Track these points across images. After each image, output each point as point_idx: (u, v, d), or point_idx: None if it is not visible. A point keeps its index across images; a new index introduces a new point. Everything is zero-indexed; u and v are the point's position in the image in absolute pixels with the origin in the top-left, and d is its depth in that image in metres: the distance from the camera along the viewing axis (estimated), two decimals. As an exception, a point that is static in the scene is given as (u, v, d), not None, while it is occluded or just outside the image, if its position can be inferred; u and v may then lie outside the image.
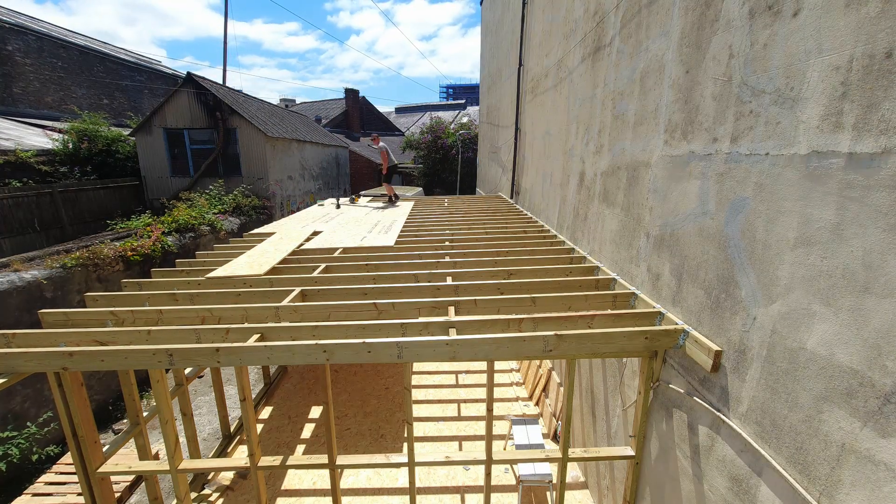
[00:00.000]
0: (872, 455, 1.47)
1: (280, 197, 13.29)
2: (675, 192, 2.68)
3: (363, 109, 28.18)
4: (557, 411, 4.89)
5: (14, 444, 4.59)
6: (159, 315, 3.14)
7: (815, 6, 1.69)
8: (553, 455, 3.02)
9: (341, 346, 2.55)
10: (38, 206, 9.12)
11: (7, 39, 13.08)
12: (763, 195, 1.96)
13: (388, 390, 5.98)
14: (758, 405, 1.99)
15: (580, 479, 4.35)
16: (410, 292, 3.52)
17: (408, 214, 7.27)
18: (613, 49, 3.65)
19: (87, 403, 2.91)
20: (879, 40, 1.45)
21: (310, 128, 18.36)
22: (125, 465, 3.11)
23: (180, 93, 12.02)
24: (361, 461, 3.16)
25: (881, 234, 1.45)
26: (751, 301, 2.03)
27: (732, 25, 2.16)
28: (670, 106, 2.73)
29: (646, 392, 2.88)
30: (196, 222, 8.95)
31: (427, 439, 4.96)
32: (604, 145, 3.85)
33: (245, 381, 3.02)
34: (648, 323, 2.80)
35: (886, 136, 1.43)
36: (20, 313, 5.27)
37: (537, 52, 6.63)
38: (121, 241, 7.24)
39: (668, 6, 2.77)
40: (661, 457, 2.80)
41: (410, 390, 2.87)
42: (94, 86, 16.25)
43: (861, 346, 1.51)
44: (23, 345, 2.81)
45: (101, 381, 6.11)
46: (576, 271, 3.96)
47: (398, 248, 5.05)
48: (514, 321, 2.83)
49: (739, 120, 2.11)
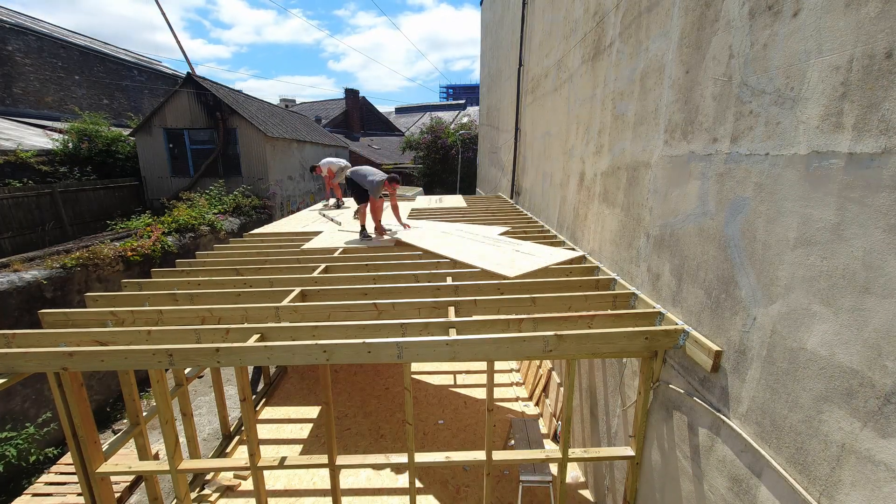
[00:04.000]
0: (872, 455, 1.47)
1: (280, 197, 13.29)
2: (675, 192, 2.68)
3: (363, 109, 28.18)
4: (557, 411, 4.89)
5: (13, 445, 4.59)
6: (159, 315, 3.14)
7: (815, 6, 1.69)
8: (553, 455, 3.02)
9: (341, 346, 2.54)
10: (38, 207, 9.12)
11: (7, 39, 13.08)
12: (763, 195, 1.96)
13: (388, 390, 5.98)
14: (758, 405, 1.99)
15: (580, 479, 4.35)
16: (410, 292, 3.53)
17: (408, 214, 7.27)
18: (613, 49, 3.65)
19: (87, 403, 2.91)
20: (879, 40, 1.45)
21: (310, 128, 18.36)
22: (125, 466, 3.11)
23: (180, 93, 12.02)
24: (361, 461, 3.16)
25: (881, 235, 1.45)
26: (751, 301, 2.03)
27: (732, 25, 2.16)
28: (670, 106, 2.73)
29: (646, 392, 2.88)
30: (196, 222, 8.95)
31: (426, 439, 4.96)
32: (604, 145, 3.85)
33: (245, 381, 3.03)
34: (648, 323, 2.80)
35: (886, 137, 1.43)
36: (20, 313, 5.27)
37: (537, 52, 6.63)
38: (121, 241, 7.24)
39: (668, 6, 2.77)
40: (661, 457, 2.80)
41: (410, 390, 2.87)
42: (94, 86, 16.25)
43: (861, 347, 1.51)
44: (23, 345, 2.81)
45: (101, 381, 6.11)
46: (576, 271, 3.96)
47: (398, 248, 5.05)
48: (514, 321, 2.83)
49: (739, 120, 2.11)
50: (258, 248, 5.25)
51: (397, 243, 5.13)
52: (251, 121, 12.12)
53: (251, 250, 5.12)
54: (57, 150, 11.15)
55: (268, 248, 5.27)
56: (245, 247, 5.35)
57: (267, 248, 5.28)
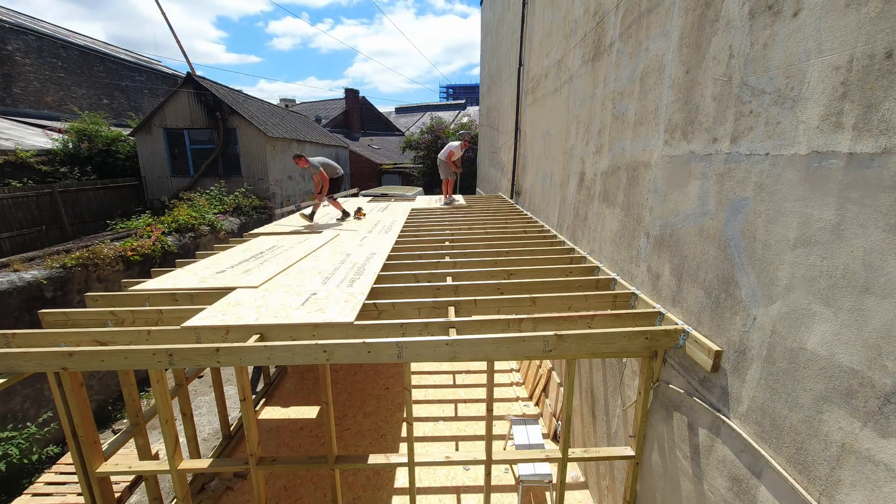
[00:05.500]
0: (872, 455, 1.47)
1: (280, 197, 13.28)
2: (675, 192, 2.68)
3: (363, 109, 28.17)
4: (557, 411, 4.89)
5: (14, 444, 4.59)
6: (159, 315, 3.14)
7: (815, 6, 1.69)
8: (553, 455, 3.02)
9: (341, 345, 2.54)
10: (38, 206, 9.12)
11: (7, 39, 13.08)
12: (763, 195, 1.96)
13: (388, 390, 5.98)
14: (758, 405, 1.99)
15: (580, 479, 4.35)
16: (410, 292, 3.53)
17: (408, 214, 7.27)
18: (613, 49, 3.65)
19: (87, 403, 2.91)
20: (879, 40, 1.45)
21: (310, 128, 18.36)
22: (125, 466, 3.10)
23: (180, 93, 12.02)
24: (361, 461, 3.16)
25: (881, 235, 1.45)
26: (751, 301, 2.03)
27: (732, 25, 2.16)
28: (670, 106, 2.73)
29: (646, 392, 2.88)
30: (196, 222, 8.94)
31: (427, 439, 4.96)
32: (604, 145, 3.85)
33: (245, 381, 3.03)
34: (648, 323, 2.80)
35: (886, 137, 1.43)
36: (20, 313, 5.27)
37: (537, 52, 6.63)
38: (121, 241, 7.24)
39: (669, 6, 2.77)
40: (661, 457, 2.80)
41: (411, 390, 2.87)
42: (94, 86, 16.25)
43: (861, 347, 1.51)
44: (23, 345, 2.81)
45: (101, 381, 6.11)
46: (576, 271, 3.96)
47: (398, 246, 5.05)
48: (514, 321, 2.83)
49: (739, 120, 2.11)
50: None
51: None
52: (251, 121, 12.12)
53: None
54: (57, 149, 11.15)
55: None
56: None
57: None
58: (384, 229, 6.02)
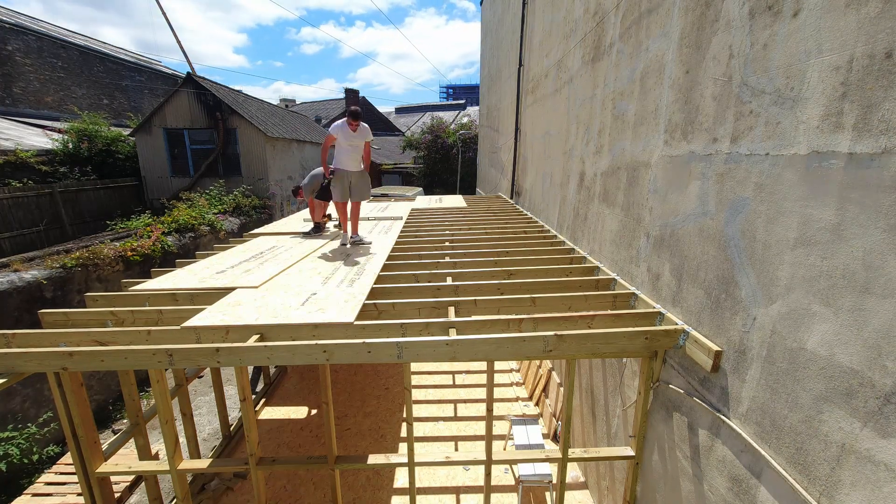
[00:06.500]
0: (872, 455, 1.47)
1: (280, 197, 13.29)
2: (674, 192, 2.68)
3: (363, 109, 28.18)
4: (557, 411, 4.89)
5: (14, 444, 4.59)
6: (159, 315, 3.14)
7: (815, 6, 1.69)
8: (553, 455, 3.02)
9: (341, 346, 2.54)
10: (38, 206, 9.12)
11: (7, 39, 13.08)
12: (763, 195, 1.96)
13: (388, 390, 5.98)
14: (758, 405, 1.99)
15: (580, 479, 4.35)
16: (410, 292, 3.52)
17: (408, 214, 7.27)
18: (613, 49, 3.65)
19: (86, 403, 2.91)
20: (879, 40, 1.45)
21: (310, 128, 18.37)
22: (125, 466, 3.10)
23: (180, 93, 12.02)
24: (361, 461, 3.16)
25: (881, 235, 1.45)
26: (751, 301, 2.03)
27: (732, 26, 2.16)
28: (670, 106, 2.73)
29: (646, 392, 2.88)
30: (196, 222, 8.95)
31: (427, 439, 4.96)
32: (604, 145, 3.85)
33: (245, 381, 3.03)
34: (648, 323, 2.80)
35: (886, 137, 1.43)
36: (20, 313, 5.26)
37: (537, 52, 6.63)
38: (121, 241, 7.24)
39: (669, 7, 2.77)
40: (661, 457, 2.80)
41: (411, 390, 2.87)
42: (94, 86, 16.25)
43: (861, 347, 1.51)
44: (23, 345, 2.81)
45: (101, 381, 6.11)
46: (576, 271, 3.96)
47: (398, 246, 5.05)
48: (515, 321, 2.83)
49: (739, 120, 2.11)
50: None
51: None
52: (251, 121, 12.12)
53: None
54: (57, 149, 11.15)
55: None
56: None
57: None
58: (384, 229, 6.02)
